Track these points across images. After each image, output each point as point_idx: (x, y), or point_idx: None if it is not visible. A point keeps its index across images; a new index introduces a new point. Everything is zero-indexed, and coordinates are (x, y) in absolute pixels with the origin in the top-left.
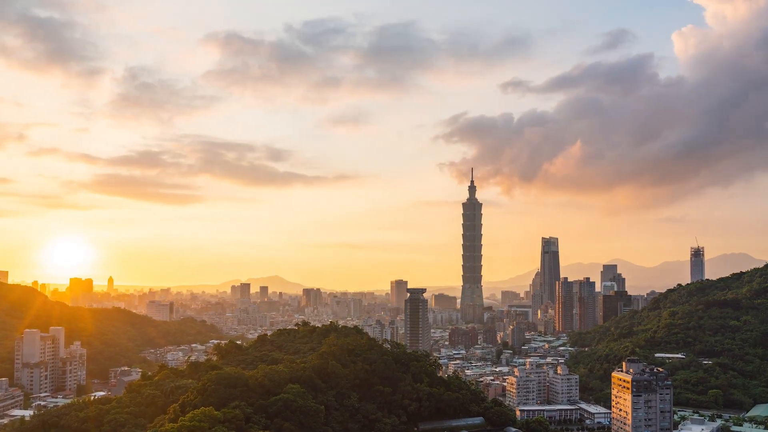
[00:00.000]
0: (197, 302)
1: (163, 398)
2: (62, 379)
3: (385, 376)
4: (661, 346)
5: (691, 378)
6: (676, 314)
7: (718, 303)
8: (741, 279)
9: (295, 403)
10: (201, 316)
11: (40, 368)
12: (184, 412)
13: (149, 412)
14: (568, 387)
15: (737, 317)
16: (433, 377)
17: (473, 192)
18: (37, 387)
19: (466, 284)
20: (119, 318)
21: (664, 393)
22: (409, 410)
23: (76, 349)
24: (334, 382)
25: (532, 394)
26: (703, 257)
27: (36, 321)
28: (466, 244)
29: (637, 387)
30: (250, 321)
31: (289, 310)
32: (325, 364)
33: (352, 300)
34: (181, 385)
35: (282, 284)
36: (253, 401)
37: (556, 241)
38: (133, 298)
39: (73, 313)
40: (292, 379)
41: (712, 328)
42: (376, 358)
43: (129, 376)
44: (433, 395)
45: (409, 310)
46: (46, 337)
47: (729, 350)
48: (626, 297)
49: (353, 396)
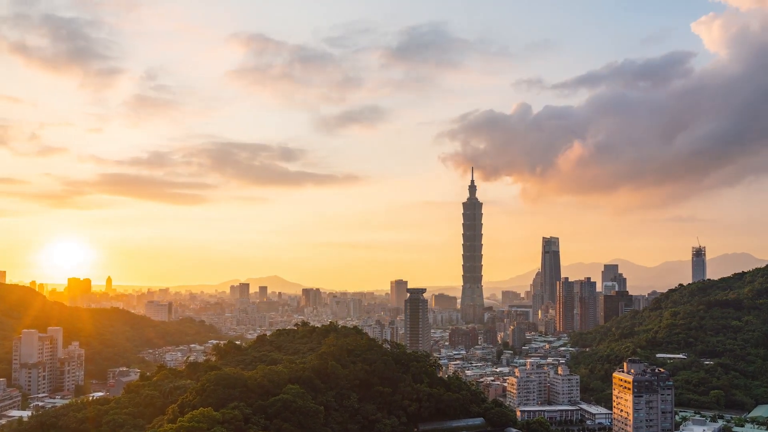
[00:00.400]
0: (196, 302)
1: (162, 399)
2: (60, 380)
3: (384, 377)
4: (663, 347)
5: (692, 378)
6: (677, 314)
7: (720, 303)
8: (743, 279)
9: (295, 404)
10: (200, 316)
11: (38, 368)
12: (183, 413)
13: (148, 412)
14: (569, 387)
15: (739, 317)
16: (433, 378)
17: (473, 191)
18: (35, 387)
19: (467, 284)
20: (118, 318)
21: (665, 394)
22: (409, 411)
23: (75, 349)
24: (334, 382)
25: (532, 395)
26: (704, 257)
27: (34, 321)
28: (466, 244)
29: (638, 387)
30: (249, 321)
31: (288, 310)
32: (324, 364)
33: (351, 300)
34: (180, 385)
35: (281, 284)
36: (252, 402)
37: (557, 240)
38: (132, 299)
39: (72, 314)
40: (292, 380)
41: (713, 328)
42: (375, 359)
43: (127, 376)
44: (433, 396)
45: (409, 310)
46: (44, 338)
47: (731, 351)
48: (627, 297)
49: (353, 397)
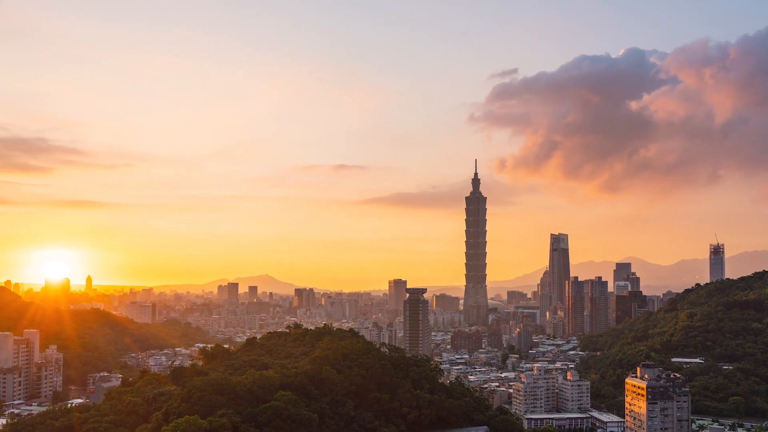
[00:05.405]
0: (182, 303)
1: (145, 406)
2: (37, 386)
3: (382, 383)
4: (678, 350)
5: (710, 384)
6: (694, 316)
7: (740, 304)
8: (764, 278)
9: (287, 411)
10: (186, 317)
11: (13, 374)
12: (168, 421)
13: (130, 420)
14: (579, 394)
15: (760, 319)
16: (434, 383)
17: (477, 185)
18: (10, 394)
19: (470, 284)
20: (98, 320)
21: (681, 400)
22: (409, 419)
23: (52, 353)
24: (328, 388)
25: (539, 402)
26: (723, 255)
27: (8, 323)
28: (469, 241)
29: (652, 394)
30: (238, 323)
31: (280, 312)
32: (318, 369)
33: (347, 301)
34: (165, 391)
35: (272, 284)
36: (241, 409)
37: (566, 237)
38: (113, 299)
39: (49, 315)
40: (283, 386)
41: (732, 330)
42: (373, 363)
43: (108, 382)
44: (434, 403)
45: (408, 312)
46: (19, 341)
47: (751, 354)
48: (641, 297)
49: (348, 404)
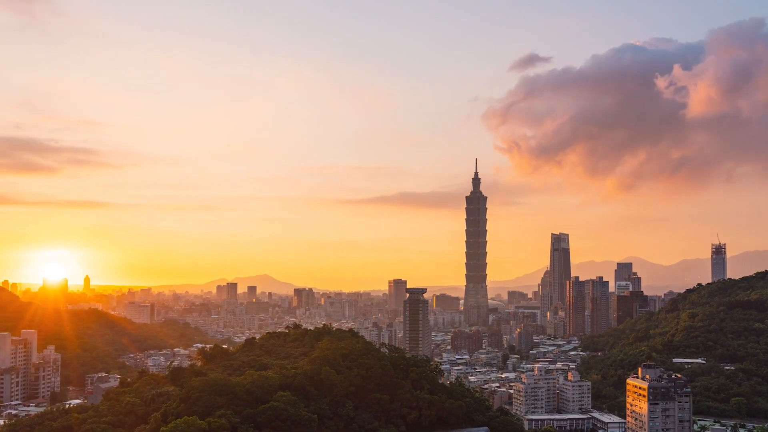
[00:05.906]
0: (180, 303)
1: (144, 407)
2: (35, 386)
3: (382, 383)
4: (680, 351)
5: (712, 385)
6: (695, 316)
7: (742, 304)
8: (766, 278)
9: (286, 412)
10: (184, 318)
11: (10, 374)
12: (166, 422)
13: (128, 421)
14: (580, 394)
15: (762, 319)
16: (434, 384)
17: (477, 184)
18: (8, 394)
19: (470, 284)
20: (96, 320)
21: (682, 401)
22: (409, 420)
23: (50, 353)
24: (328, 389)
25: (540, 402)
26: (725, 255)
27: (6, 323)
28: (469, 241)
29: (653, 394)
30: (237, 323)
31: (279, 312)
32: (317, 370)
33: (346, 301)
34: (163, 392)
35: (271, 284)
36: (240, 410)
37: (567, 237)
38: (112, 299)
39: (47, 315)
40: (283, 386)
41: (734, 330)
42: (372, 364)
43: (107, 382)
44: (434, 403)
45: (408, 312)
46: (17, 341)
47: (753, 355)
48: (642, 297)
49: (348, 404)
